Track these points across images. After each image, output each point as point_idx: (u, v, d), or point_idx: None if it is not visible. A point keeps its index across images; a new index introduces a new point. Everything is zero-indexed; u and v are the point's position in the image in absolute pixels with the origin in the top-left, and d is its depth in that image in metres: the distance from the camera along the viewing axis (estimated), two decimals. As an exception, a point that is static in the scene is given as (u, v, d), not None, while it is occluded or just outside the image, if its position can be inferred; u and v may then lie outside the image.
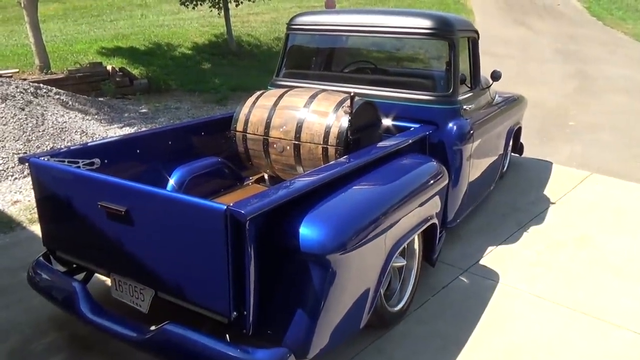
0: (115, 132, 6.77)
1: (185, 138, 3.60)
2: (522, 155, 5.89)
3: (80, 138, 6.20)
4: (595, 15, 18.25)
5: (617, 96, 9.78)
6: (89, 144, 3.56)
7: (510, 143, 5.22)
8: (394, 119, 3.69)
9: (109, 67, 9.33)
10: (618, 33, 16.36)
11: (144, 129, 6.93)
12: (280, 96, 3.49)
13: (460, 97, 3.71)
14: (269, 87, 4.26)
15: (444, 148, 3.63)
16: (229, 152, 3.78)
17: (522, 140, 5.77)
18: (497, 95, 4.76)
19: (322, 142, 3.22)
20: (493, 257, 3.81)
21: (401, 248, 2.71)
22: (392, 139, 3.32)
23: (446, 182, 3.24)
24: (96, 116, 7.24)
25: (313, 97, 3.37)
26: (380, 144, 3.19)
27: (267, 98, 3.53)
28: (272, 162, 3.48)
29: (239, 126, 3.54)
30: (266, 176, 3.83)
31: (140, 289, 2.49)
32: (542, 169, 5.81)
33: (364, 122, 3.32)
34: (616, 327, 3.03)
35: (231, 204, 2.00)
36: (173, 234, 2.20)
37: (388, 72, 4.33)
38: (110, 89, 8.81)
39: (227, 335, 2.24)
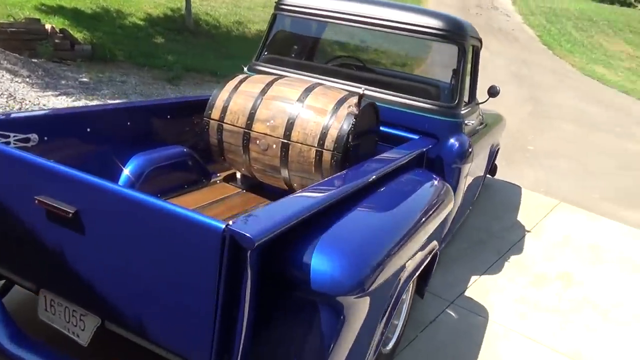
0: (50, 100, 5.90)
1: (146, 120, 2.99)
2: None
3: (7, 103, 5.32)
4: (546, 44, 18.83)
5: (567, 124, 9.96)
6: (24, 114, 2.82)
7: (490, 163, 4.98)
8: (390, 126, 3.26)
9: (48, 26, 8.28)
10: (566, 64, 16.93)
11: (84, 101, 6.10)
12: (269, 84, 2.96)
13: (463, 111, 3.36)
14: (246, 72, 3.72)
15: (442, 165, 3.25)
16: (196, 142, 3.21)
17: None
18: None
19: (316, 145, 2.73)
20: (477, 289, 3.49)
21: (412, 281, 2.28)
22: (393, 150, 2.88)
23: (452, 204, 2.85)
24: (27, 79, 6.32)
25: (309, 90, 2.87)
26: (383, 156, 2.73)
27: (253, 84, 2.99)
28: (250, 160, 2.95)
29: (215, 114, 2.98)
30: (238, 175, 3.28)
31: (80, 314, 1.89)
32: (512, 193, 5.65)
33: (366, 127, 2.87)
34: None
35: (231, 223, 1.47)
36: (142, 250, 1.63)
37: (387, 73, 3.91)
38: (48, 51, 7.80)
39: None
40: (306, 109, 2.79)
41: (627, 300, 3.65)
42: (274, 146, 2.83)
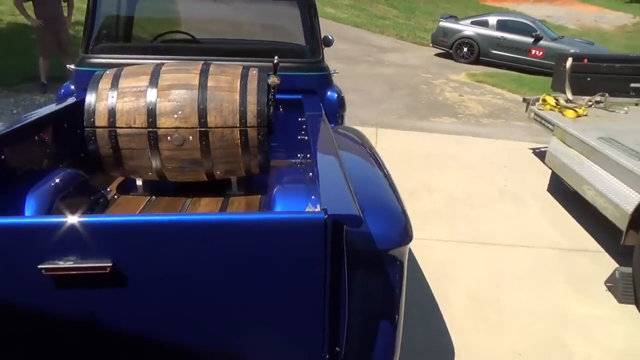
0: None
1: (18, 146, 2.41)
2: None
3: None
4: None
5: (332, 62, 11.06)
6: None
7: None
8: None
9: None
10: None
11: None
12: (153, 73, 2.65)
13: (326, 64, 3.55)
14: (77, 68, 3.22)
15: (327, 116, 3.44)
16: (74, 157, 2.73)
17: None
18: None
19: (239, 124, 2.60)
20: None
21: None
22: (309, 112, 2.93)
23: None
24: None
25: (204, 72, 2.67)
26: (309, 117, 2.79)
27: (133, 78, 2.62)
28: (163, 160, 2.65)
29: (100, 120, 2.54)
30: (139, 182, 2.90)
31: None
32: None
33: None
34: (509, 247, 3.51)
35: (325, 208, 1.43)
36: (231, 274, 1.44)
37: (249, 42, 3.79)
38: None
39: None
40: (213, 91, 2.61)
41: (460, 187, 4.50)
42: (191, 138, 2.58)
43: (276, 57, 2.70)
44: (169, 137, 2.57)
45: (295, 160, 3.13)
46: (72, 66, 3.43)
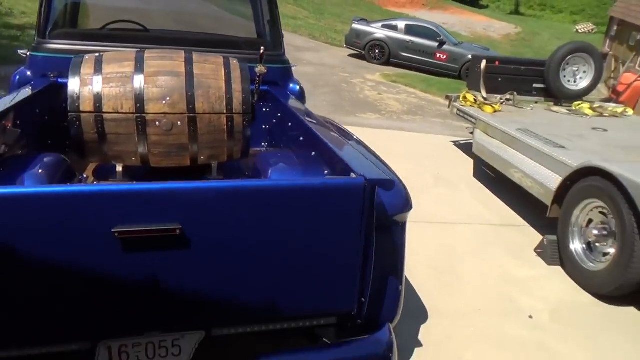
0: None
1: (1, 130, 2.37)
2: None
3: None
4: None
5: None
6: None
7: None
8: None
9: None
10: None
11: None
12: (137, 60, 2.69)
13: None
14: (32, 54, 3.16)
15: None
16: (51, 142, 2.71)
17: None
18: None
19: (225, 111, 2.74)
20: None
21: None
22: (288, 101, 3.14)
23: None
24: None
25: (189, 60, 2.77)
26: (294, 102, 3.01)
27: (116, 64, 2.65)
28: (150, 145, 2.70)
29: (85, 105, 2.55)
30: (119, 168, 2.91)
31: (173, 340, 1.70)
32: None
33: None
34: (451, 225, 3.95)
35: (360, 175, 1.68)
36: (279, 233, 1.62)
37: (213, 34, 3.84)
38: None
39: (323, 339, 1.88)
40: (200, 78, 2.72)
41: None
42: (179, 123, 2.67)
43: (262, 48, 2.87)
44: (157, 123, 2.65)
45: (269, 146, 3.32)
46: (25, 51, 3.33)
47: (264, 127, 3.38)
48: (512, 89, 5.92)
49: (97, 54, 2.74)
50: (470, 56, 12.41)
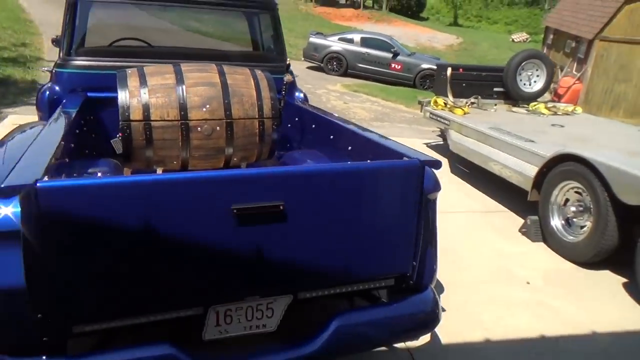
0: None
1: (68, 140, 2.60)
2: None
3: None
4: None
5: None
6: None
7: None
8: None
9: None
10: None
11: None
12: (177, 72, 2.98)
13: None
14: (58, 70, 3.38)
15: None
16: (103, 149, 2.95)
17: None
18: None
19: (257, 116, 3.06)
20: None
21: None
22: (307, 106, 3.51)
23: None
24: None
25: (222, 71, 3.09)
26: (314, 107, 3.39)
27: (159, 77, 2.93)
28: (191, 149, 2.99)
29: (135, 114, 2.81)
30: (159, 171, 3.16)
31: (267, 303, 2.01)
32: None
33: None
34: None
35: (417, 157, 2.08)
36: (355, 207, 1.97)
37: (227, 48, 4.14)
38: None
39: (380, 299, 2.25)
40: (233, 87, 3.04)
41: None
42: (218, 128, 2.97)
43: (288, 59, 3.21)
44: (199, 128, 2.94)
45: (292, 148, 3.64)
46: (48, 68, 3.53)
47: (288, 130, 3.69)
48: (475, 93, 6.52)
49: (138, 68, 3.00)
50: (423, 66, 13.23)
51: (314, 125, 3.33)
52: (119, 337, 1.91)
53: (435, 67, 8.81)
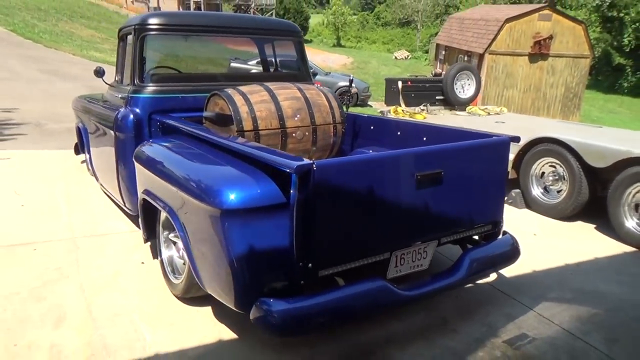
0: None
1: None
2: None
3: None
4: (30, 38, 18.53)
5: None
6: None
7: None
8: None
9: None
10: (67, 55, 17.57)
11: None
12: (268, 90, 3.60)
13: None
14: (132, 96, 3.80)
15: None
16: None
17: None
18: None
19: (332, 122, 3.77)
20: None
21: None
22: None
23: None
24: None
25: (299, 89, 3.75)
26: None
27: (256, 95, 3.54)
28: (287, 152, 3.60)
29: (247, 125, 3.40)
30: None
31: (424, 248, 2.73)
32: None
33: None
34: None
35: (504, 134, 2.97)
36: (471, 173, 2.78)
37: (269, 71, 4.69)
38: None
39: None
40: (312, 100, 3.72)
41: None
42: (307, 133, 3.64)
43: (351, 75, 3.96)
44: (294, 134, 3.59)
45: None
46: (120, 95, 3.93)
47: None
48: (424, 101, 7.69)
49: (236, 89, 3.57)
50: (340, 83, 14.40)
51: (372, 127, 4.08)
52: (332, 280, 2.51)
53: (347, 83, 10.01)
